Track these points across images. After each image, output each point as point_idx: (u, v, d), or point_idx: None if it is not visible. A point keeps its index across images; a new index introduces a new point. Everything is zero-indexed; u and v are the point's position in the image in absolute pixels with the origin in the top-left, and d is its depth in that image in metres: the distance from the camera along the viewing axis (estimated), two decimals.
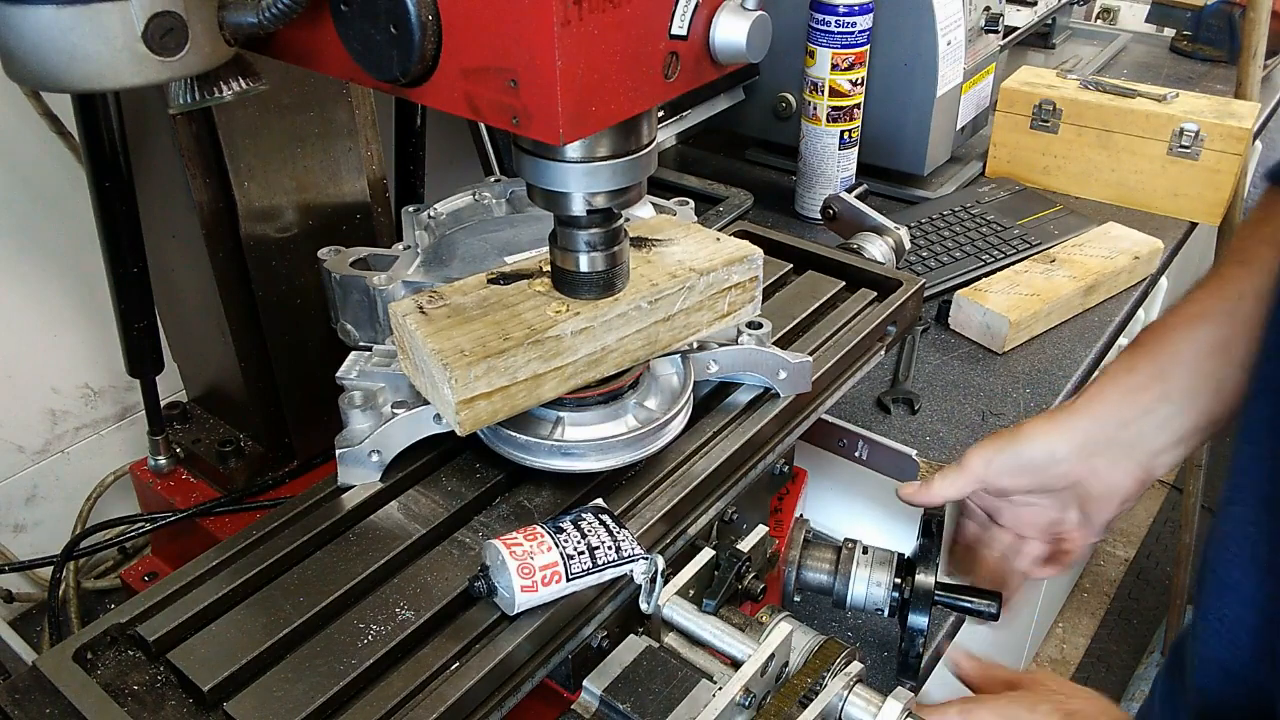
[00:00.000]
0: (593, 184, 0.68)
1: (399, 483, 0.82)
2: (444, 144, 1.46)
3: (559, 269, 0.76)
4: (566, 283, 0.76)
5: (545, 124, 0.56)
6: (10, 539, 1.25)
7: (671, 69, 0.61)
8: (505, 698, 0.69)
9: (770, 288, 1.08)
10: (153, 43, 0.63)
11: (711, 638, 0.78)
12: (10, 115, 1.11)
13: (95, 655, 0.69)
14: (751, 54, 0.63)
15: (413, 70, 0.59)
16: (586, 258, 0.74)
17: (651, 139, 0.70)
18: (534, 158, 0.68)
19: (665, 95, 0.62)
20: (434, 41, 0.58)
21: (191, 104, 0.69)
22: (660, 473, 0.83)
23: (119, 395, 1.31)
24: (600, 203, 0.69)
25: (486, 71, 0.57)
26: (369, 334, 0.92)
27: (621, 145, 0.67)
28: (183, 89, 0.69)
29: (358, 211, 1.06)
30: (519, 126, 0.58)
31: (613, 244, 0.74)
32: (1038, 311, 1.35)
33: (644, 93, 0.61)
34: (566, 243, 0.74)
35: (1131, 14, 2.66)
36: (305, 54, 0.67)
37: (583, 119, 0.57)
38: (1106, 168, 1.68)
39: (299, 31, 0.65)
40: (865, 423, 1.18)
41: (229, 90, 0.70)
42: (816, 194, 1.64)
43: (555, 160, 0.67)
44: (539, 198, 0.71)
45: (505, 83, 0.56)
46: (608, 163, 0.67)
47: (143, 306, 0.96)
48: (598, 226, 0.72)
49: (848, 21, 1.49)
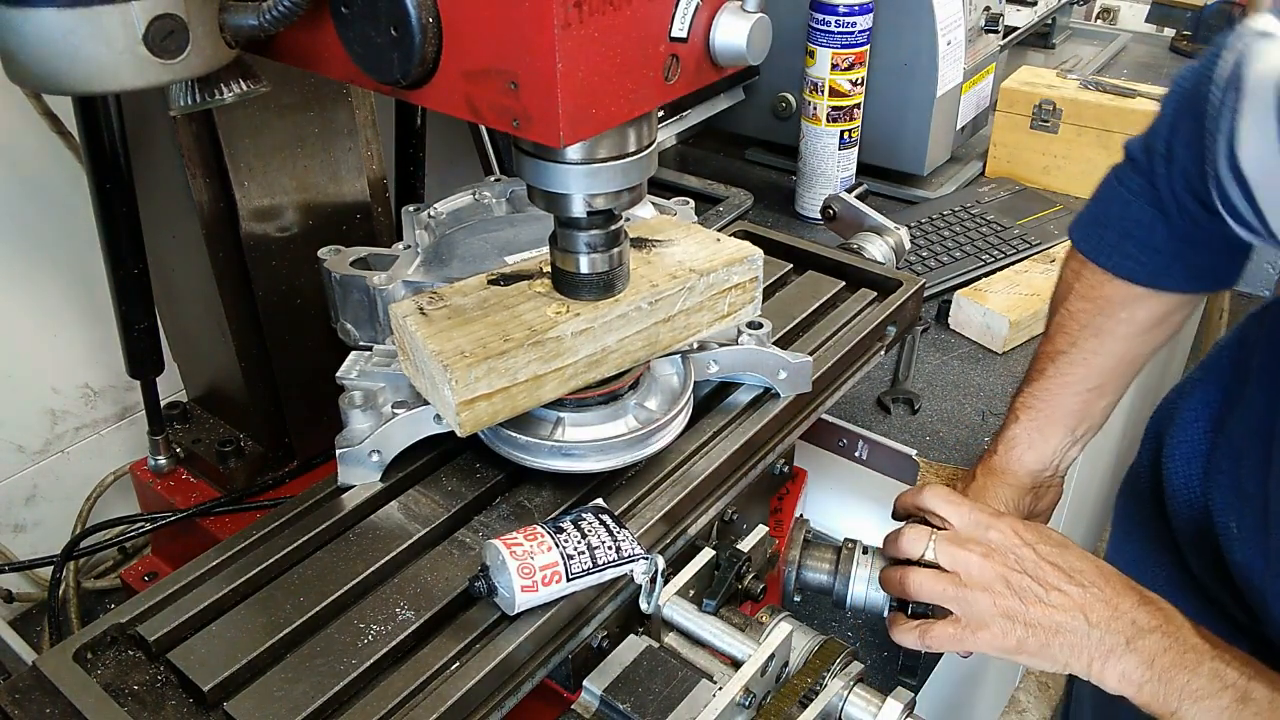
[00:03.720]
0: (593, 185, 0.68)
1: (399, 483, 0.82)
2: (444, 144, 1.46)
3: (559, 270, 0.76)
4: (567, 284, 0.76)
5: (545, 126, 0.56)
6: (10, 539, 1.25)
7: (672, 71, 0.62)
8: (505, 698, 0.69)
9: (770, 288, 1.08)
10: (154, 45, 0.63)
11: (711, 638, 0.78)
12: (11, 116, 1.11)
13: (95, 655, 0.69)
14: (752, 56, 0.63)
15: (413, 73, 0.59)
16: (587, 259, 0.74)
17: (652, 140, 0.70)
18: (534, 159, 0.68)
19: (665, 97, 0.62)
20: (434, 44, 0.58)
21: (192, 106, 0.69)
22: (660, 473, 0.83)
23: (119, 395, 1.30)
24: (601, 204, 0.69)
25: (487, 74, 0.57)
26: (369, 334, 0.92)
27: (622, 147, 0.67)
28: (183, 91, 0.69)
29: (358, 211, 1.06)
30: (519, 129, 0.58)
31: (613, 245, 0.74)
32: (1038, 311, 1.35)
33: (644, 95, 0.61)
34: (567, 244, 0.74)
35: (1131, 14, 2.66)
36: (306, 56, 0.67)
37: (583, 121, 0.57)
38: (1106, 167, 1.67)
39: (300, 34, 0.65)
40: (865, 423, 1.18)
41: (230, 92, 0.70)
42: (816, 194, 1.64)
43: (556, 162, 0.67)
44: (539, 199, 0.71)
45: (505, 85, 0.57)
46: (608, 164, 0.67)
47: (143, 308, 0.96)
48: (598, 228, 0.72)
49: (848, 21, 1.49)
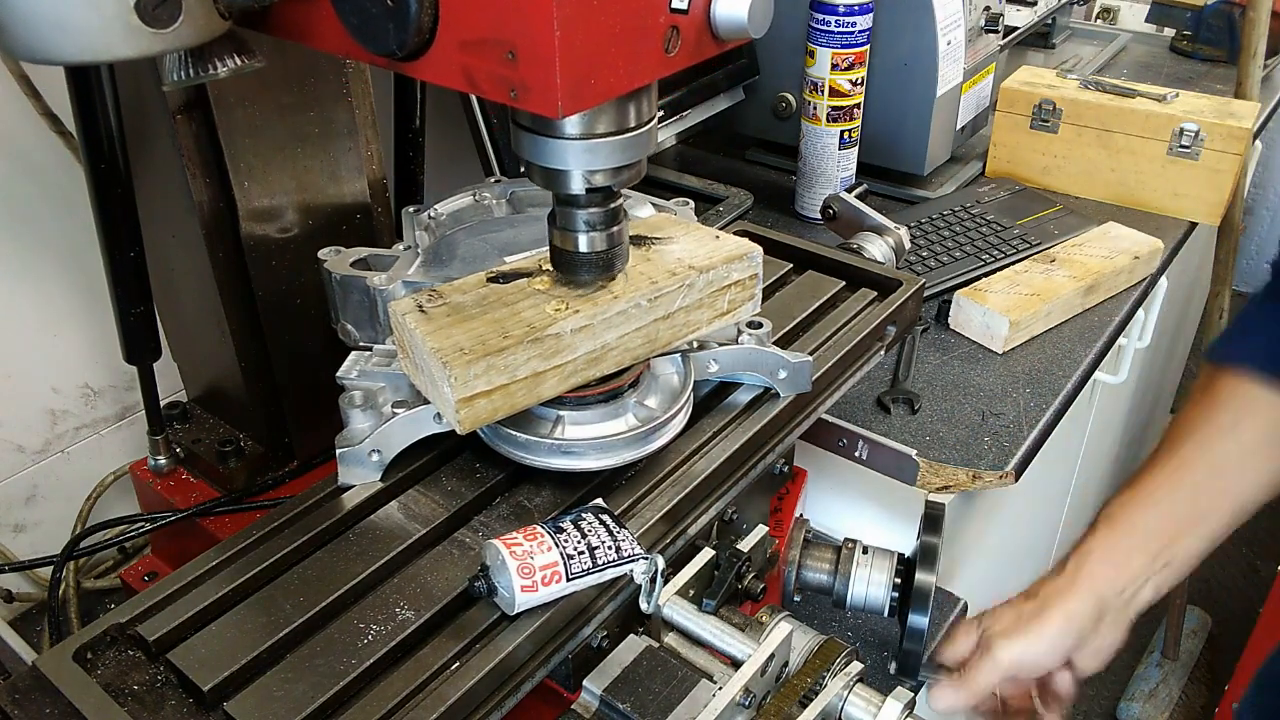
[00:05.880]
0: (592, 162, 0.67)
1: (399, 482, 0.82)
2: (444, 144, 1.46)
3: (558, 249, 0.75)
4: (566, 263, 0.75)
5: (544, 96, 0.56)
6: (10, 539, 1.25)
7: (672, 43, 0.61)
8: (505, 698, 0.69)
9: (770, 287, 1.08)
10: (145, 14, 0.62)
11: (711, 638, 0.78)
12: (10, 116, 1.11)
13: (95, 655, 0.69)
14: (753, 29, 0.62)
15: (409, 43, 0.58)
16: (586, 238, 0.73)
17: (652, 116, 0.69)
18: (533, 135, 0.66)
19: (665, 70, 0.62)
20: (431, 13, 0.57)
21: (186, 80, 0.68)
22: (660, 473, 0.83)
23: (119, 395, 1.31)
24: (600, 181, 0.68)
25: (484, 44, 0.56)
26: (369, 334, 0.92)
27: (621, 122, 0.66)
28: (176, 64, 0.68)
29: (358, 211, 1.06)
30: (517, 100, 0.57)
31: (612, 224, 0.73)
32: (1038, 311, 1.35)
33: (644, 66, 0.60)
34: (566, 222, 0.73)
35: (1131, 14, 2.66)
36: (300, 29, 0.66)
37: (582, 92, 0.57)
38: (1106, 168, 1.68)
39: (294, 5, 0.64)
40: (865, 423, 1.18)
41: (224, 67, 0.69)
42: (816, 194, 1.63)
43: (554, 137, 0.66)
44: (538, 176, 0.70)
45: (503, 55, 0.56)
46: (607, 140, 0.66)
47: (139, 291, 0.96)
48: (597, 206, 0.71)
49: (848, 21, 1.49)
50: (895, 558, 1.00)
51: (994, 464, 1.13)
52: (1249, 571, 2.77)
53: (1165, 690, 2.51)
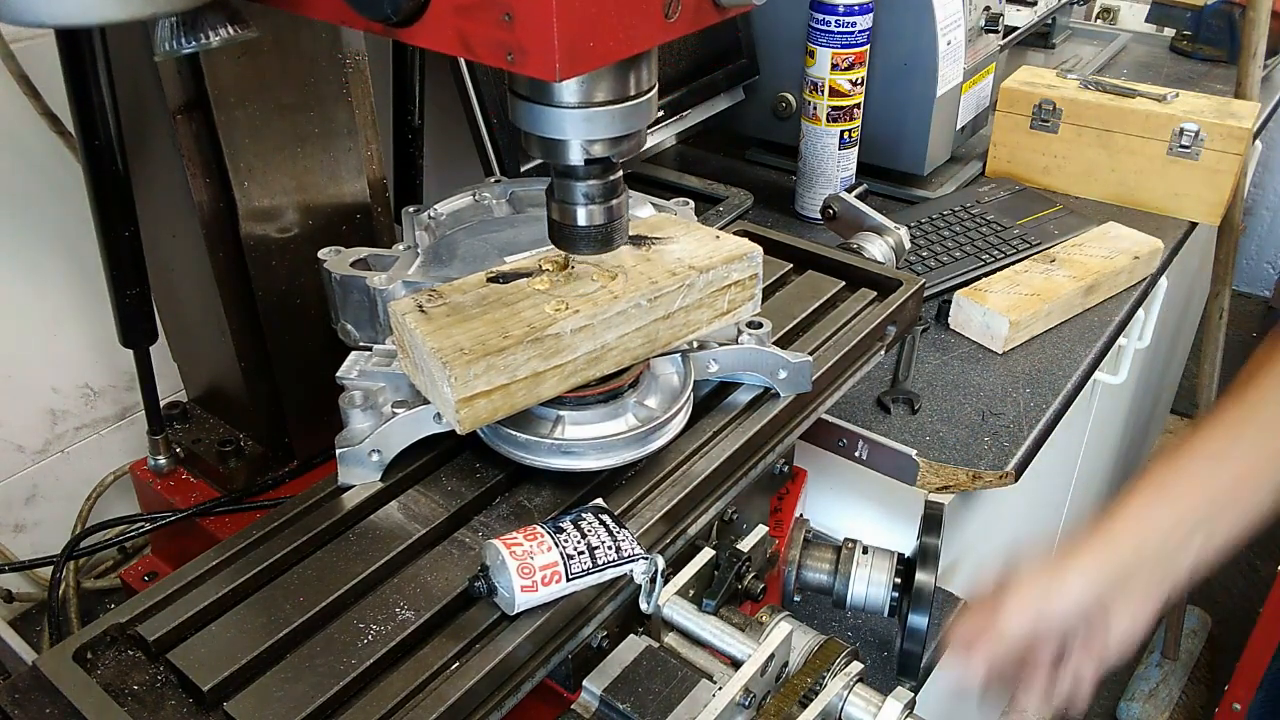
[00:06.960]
0: (591, 131, 0.66)
1: (399, 482, 0.82)
2: (444, 144, 1.46)
3: (556, 223, 0.73)
4: (564, 236, 0.74)
5: (541, 60, 0.54)
6: (10, 539, 1.25)
7: (672, 8, 0.59)
8: (505, 698, 0.69)
9: (770, 287, 1.08)
10: None
11: (711, 638, 0.78)
12: (10, 116, 1.11)
13: (95, 655, 0.69)
14: None
15: (404, 8, 0.57)
16: (584, 210, 0.72)
17: (652, 85, 0.67)
18: (530, 103, 0.65)
19: (666, 36, 0.60)
20: None
21: (177, 49, 0.67)
22: (660, 473, 0.83)
23: (119, 395, 1.30)
24: (598, 151, 0.67)
25: (480, 6, 0.55)
26: (369, 334, 0.92)
27: (620, 90, 0.65)
28: (168, 33, 0.66)
29: (358, 211, 1.06)
30: (514, 64, 0.56)
31: (611, 196, 0.72)
32: (1038, 311, 1.35)
33: (643, 31, 0.59)
34: (564, 195, 0.72)
35: (1131, 14, 2.65)
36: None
37: (580, 55, 0.55)
38: (1106, 168, 1.68)
39: None
40: (865, 423, 1.18)
41: (216, 36, 0.67)
42: (816, 194, 1.63)
43: (552, 106, 0.64)
44: (536, 146, 0.68)
45: (499, 17, 0.55)
46: (606, 108, 0.65)
47: (135, 273, 0.95)
48: (596, 178, 0.70)
49: (848, 21, 1.49)
50: (895, 558, 1.00)
51: (994, 464, 1.13)
52: (1249, 571, 2.77)
53: (1165, 690, 2.51)
